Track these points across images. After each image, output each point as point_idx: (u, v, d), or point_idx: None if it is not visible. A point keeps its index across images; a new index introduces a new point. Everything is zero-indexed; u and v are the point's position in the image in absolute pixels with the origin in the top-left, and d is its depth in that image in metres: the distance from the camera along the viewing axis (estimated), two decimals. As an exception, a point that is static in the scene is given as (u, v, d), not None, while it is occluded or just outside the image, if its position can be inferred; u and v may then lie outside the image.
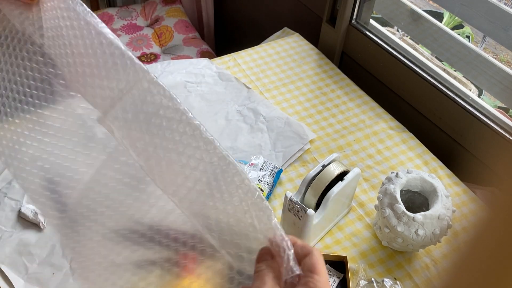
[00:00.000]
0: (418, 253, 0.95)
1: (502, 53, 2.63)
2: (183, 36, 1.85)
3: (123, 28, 1.87)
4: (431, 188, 0.91)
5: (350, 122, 1.21)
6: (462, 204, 1.04)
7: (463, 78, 1.61)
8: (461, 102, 1.15)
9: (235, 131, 1.15)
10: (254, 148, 1.11)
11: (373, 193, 1.05)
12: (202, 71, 1.29)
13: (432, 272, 0.93)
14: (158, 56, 1.78)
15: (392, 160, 1.12)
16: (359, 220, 1.00)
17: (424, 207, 0.94)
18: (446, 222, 0.87)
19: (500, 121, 1.10)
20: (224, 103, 1.22)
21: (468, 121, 1.14)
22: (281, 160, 1.09)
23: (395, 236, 0.88)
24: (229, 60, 1.35)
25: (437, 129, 1.23)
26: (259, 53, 1.38)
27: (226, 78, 1.28)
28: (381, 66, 1.34)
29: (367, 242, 0.97)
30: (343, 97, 1.27)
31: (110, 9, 1.94)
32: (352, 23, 1.37)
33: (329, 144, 1.14)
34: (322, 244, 0.95)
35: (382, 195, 0.91)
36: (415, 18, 1.28)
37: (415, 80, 1.24)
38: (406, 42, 1.68)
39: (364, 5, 1.35)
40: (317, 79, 1.32)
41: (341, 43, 1.42)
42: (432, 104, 1.23)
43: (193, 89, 1.24)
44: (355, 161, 1.11)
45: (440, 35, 1.22)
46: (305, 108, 1.23)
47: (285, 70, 1.34)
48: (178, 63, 1.32)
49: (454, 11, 1.17)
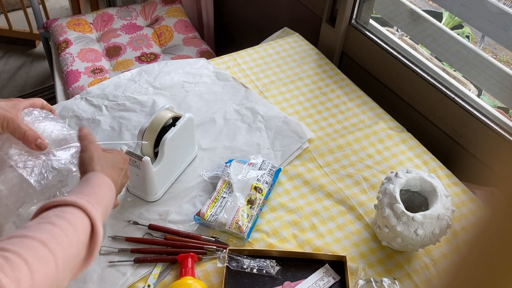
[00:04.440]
0: (418, 253, 0.95)
1: (501, 53, 2.63)
2: (183, 36, 1.85)
3: (123, 28, 1.87)
4: (431, 188, 0.91)
5: (349, 122, 1.21)
6: (461, 204, 1.04)
7: (462, 78, 1.61)
8: (460, 102, 1.15)
9: (234, 131, 1.15)
10: (252, 147, 1.11)
11: (372, 193, 1.05)
12: (199, 71, 1.29)
13: (432, 272, 0.93)
14: (158, 56, 1.78)
15: (391, 160, 1.12)
16: (358, 220, 1.00)
17: (423, 207, 0.94)
18: (446, 222, 0.87)
19: (499, 121, 1.10)
20: (222, 103, 1.22)
21: (468, 121, 1.14)
22: (279, 159, 1.09)
23: (395, 236, 0.88)
24: (229, 59, 1.35)
25: (437, 129, 1.23)
26: (259, 53, 1.38)
27: (223, 78, 1.28)
28: (381, 66, 1.34)
29: (366, 242, 0.97)
30: (342, 97, 1.27)
31: (110, 9, 1.94)
32: (351, 23, 1.37)
33: (328, 143, 1.14)
34: (322, 242, 0.95)
35: (382, 194, 0.91)
36: (415, 18, 1.28)
37: (415, 80, 1.24)
38: (406, 42, 1.68)
39: (364, 5, 1.35)
40: (317, 79, 1.32)
41: (341, 43, 1.42)
42: (431, 104, 1.23)
43: (191, 89, 1.24)
44: (354, 161, 1.11)
45: (440, 35, 1.22)
46: (304, 108, 1.23)
47: (285, 70, 1.34)
48: (176, 63, 1.32)
49: (454, 11, 1.17)
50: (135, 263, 0.89)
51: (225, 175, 1.01)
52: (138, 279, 0.88)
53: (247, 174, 1.01)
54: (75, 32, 1.83)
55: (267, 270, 0.88)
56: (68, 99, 1.27)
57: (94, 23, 1.89)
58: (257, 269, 0.89)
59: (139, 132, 0.95)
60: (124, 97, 1.19)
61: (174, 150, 0.97)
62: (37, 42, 2.58)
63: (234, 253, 0.90)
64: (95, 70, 1.70)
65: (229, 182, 1.00)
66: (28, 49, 2.58)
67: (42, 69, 2.48)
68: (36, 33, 2.37)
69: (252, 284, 0.88)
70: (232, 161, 1.04)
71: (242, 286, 0.88)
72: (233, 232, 0.93)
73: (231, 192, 0.98)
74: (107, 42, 1.82)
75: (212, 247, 0.91)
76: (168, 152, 0.94)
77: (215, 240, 0.93)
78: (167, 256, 0.91)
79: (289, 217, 0.99)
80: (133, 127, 1.13)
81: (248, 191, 0.99)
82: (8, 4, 2.77)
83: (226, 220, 0.93)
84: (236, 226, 0.93)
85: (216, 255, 0.91)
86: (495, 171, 1.12)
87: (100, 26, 1.88)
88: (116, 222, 0.95)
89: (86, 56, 1.75)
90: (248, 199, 0.98)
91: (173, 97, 1.21)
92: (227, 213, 0.94)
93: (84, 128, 0.78)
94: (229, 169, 1.02)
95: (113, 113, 1.16)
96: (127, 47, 1.80)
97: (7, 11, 2.54)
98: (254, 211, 0.96)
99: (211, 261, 0.91)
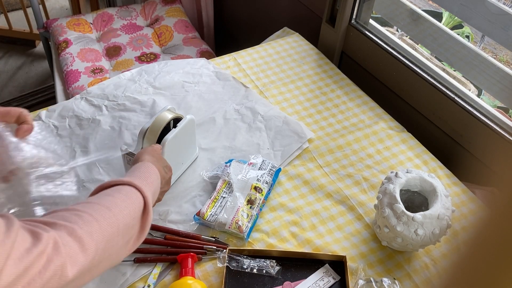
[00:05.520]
0: (418, 253, 0.95)
1: (501, 53, 2.63)
2: (183, 36, 1.85)
3: (123, 28, 1.87)
4: (431, 188, 0.91)
5: (349, 122, 1.21)
6: (461, 204, 1.04)
7: (462, 78, 1.61)
8: (460, 102, 1.15)
9: (233, 130, 1.15)
10: (252, 147, 1.11)
11: (372, 193, 1.05)
12: (199, 71, 1.29)
13: (432, 272, 0.93)
14: (158, 56, 1.78)
15: (391, 160, 1.12)
16: (358, 220, 1.00)
17: (423, 207, 0.94)
18: (446, 221, 0.87)
19: (499, 121, 1.10)
20: (222, 102, 1.22)
21: (468, 121, 1.14)
22: (279, 159, 1.09)
23: (395, 236, 0.88)
24: (229, 59, 1.35)
25: (437, 129, 1.23)
26: (259, 53, 1.38)
27: (223, 78, 1.28)
28: (381, 66, 1.34)
29: (366, 242, 0.97)
30: (342, 97, 1.27)
31: (110, 9, 1.94)
32: (351, 23, 1.37)
33: (328, 143, 1.14)
34: (322, 242, 0.95)
35: (382, 194, 0.91)
36: (415, 18, 1.28)
37: (415, 80, 1.24)
38: (406, 42, 1.68)
39: (364, 5, 1.35)
40: (317, 79, 1.32)
41: (341, 43, 1.42)
42: (431, 104, 1.23)
43: (191, 89, 1.24)
44: (354, 161, 1.11)
45: (440, 35, 1.22)
46: (304, 107, 1.23)
47: (285, 69, 1.34)
48: (176, 63, 1.32)
49: (454, 11, 1.17)
50: (135, 263, 0.89)
51: (225, 175, 1.01)
52: (138, 279, 0.88)
53: (247, 174, 1.01)
54: (75, 32, 1.83)
55: (267, 270, 0.88)
56: (68, 99, 1.27)
57: (94, 23, 1.89)
58: (257, 269, 0.89)
59: (139, 132, 0.95)
60: (124, 97, 1.19)
61: (174, 152, 0.97)
62: (37, 42, 2.58)
63: (234, 253, 0.90)
64: (95, 70, 1.70)
65: (229, 182, 1.00)
66: (28, 49, 2.58)
67: (42, 69, 2.48)
68: (36, 33, 2.37)
69: (252, 284, 0.88)
70: (232, 161, 1.04)
71: (242, 286, 0.88)
72: (233, 232, 0.93)
73: (231, 192, 0.98)
74: (107, 42, 1.82)
75: (212, 247, 0.91)
76: (168, 154, 0.94)
77: (215, 240, 0.93)
78: (167, 256, 0.91)
79: (289, 217, 0.99)
80: (133, 127, 1.13)
81: (248, 191, 0.99)
82: (8, 4, 2.77)
83: (226, 220, 0.93)
84: (236, 226, 0.93)
85: (216, 255, 0.91)
86: (495, 171, 1.12)
87: (100, 26, 1.88)
88: (116, 222, 0.95)
89: (86, 56, 1.75)
90: (248, 199, 0.98)
91: (173, 97, 1.21)
92: (227, 213, 0.94)
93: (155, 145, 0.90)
94: (229, 169, 1.02)
95: (113, 113, 1.16)
96: (127, 47, 1.80)
97: (7, 11, 2.54)
98: (254, 211, 0.96)
99: (211, 261, 0.91)
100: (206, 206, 0.95)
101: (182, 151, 1.02)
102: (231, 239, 0.94)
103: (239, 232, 0.92)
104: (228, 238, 0.94)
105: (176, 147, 0.97)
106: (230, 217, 0.93)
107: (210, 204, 0.96)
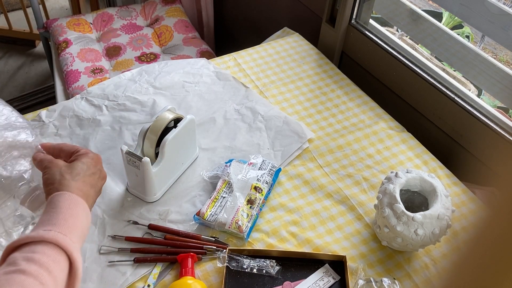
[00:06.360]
0: (418, 253, 0.95)
1: (501, 53, 2.63)
2: (183, 36, 1.85)
3: (123, 28, 1.87)
4: (431, 188, 0.91)
5: (349, 122, 1.21)
6: (461, 204, 1.04)
7: (462, 78, 1.61)
8: (460, 102, 1.15)
9: (234, 130, 1.15)
10: (252, 147, 1.11)
11: (372, 193, 1.05)
12: (199, 71, 1.29)
13: (432, 272, 0.93)
14: (158, 56, 1.78)
15: (391, 160, 1.12)
16: (358, 220, 1.00)
17: (423, 207, 0.94)
18: (446, 221, 0.87)
19: (499, 121, 1.10)
20: (222, 102, 1.22)
21: (468, 121, 1.14)
22: (279, 159, 1.09)
23: (395, 236, 0.88)
24: (230, 59, 1.35)
25: (437, 129, 1.23)
26: (259, 53, 1.38)
27: (224, 78, 1.28)
28: (381, 66, 1.34)
29: (366, 241, 0.97)
30: (343, 97, 1.27)
31: (110, 8, 1.94)
32: (351, 23, 1.37)
33: (328, 143, 1.14)
34: (322, 242, 0.95)
35: (382, 194, 0.91)
36: (415, 18, 1.28)
37: (415, 80, 1.24)
38: (406, 42, 1.68)
39: (364, 5, 1.35)
40: (317, 79, 1.32)
41: (341, 43, 1.42)
42: (431, 104, 1.23)
43: (191, 89, 1.24)
44: (354, 161, 1.11)
45: (440, 35, 1.22)
46: (305, 107, 1.23)
47: (285, 69, 1.34)
48: (176, 63, 1.32)
49: (454, 11, 1.17)
50: (135, 263, 0.89)
51: (225, 175, 1.01)
52: (138, 279, 0.88)
53: (247, 174, 1.01)
54: (75, 32, 1.83)
55: (267, 270, 0.88)
56: (68, 99, 1.27)
57: (94, 23, 1.89)
58: (257, 269, 0.89)
59: (140, 132, 0.95)
60: (125, 97, 1.19)
61: (174, 152, 0.97)
62: (37, 42, 2.58)
63: (234, 253, 0.90)
64: (95, 70, 1.70)
65: (229, 182, 1.00)
66: (28, 49, 2.58)
67: (42, 69, 2.48)
68: (36, 33, 2.37)
69: (252, 284, 0.88)
70: (232, 161, 1.04)
71: (242, 286, 0.88)
72: (233, 232, 0.93)
73: (231, 192, 0.98)
74: (107, 42, 1.82)
75: (212, 247, 0.91)
76: (168, 154, 0.95)
77: (215, 240, 0.93)
78: (167, 256, 0.91)
79: (289, 217, 0.99)
80: (133, 127, 1.13)
81: (248, 191, 0.99)
82: (8, 4, 2.77)
83: (226, 220, 0.93)
84: (236, 226, 0.93)
85: (216, 255, 0.91)
86: (495, 171, 1.12)
87: (100, 26, 1.88)
88: (116, 222, 0.95)
89: (86, 56, 1.75)
90: (248, 199, 0.98)
91: (173, 97, 1.21)
92: (227, 213, 0.94)
93: (37, 154, 0.72)
94: (229, 169, 1.02)
95: (113, 113, 1.16)
96: (127, 47, 1.80)
97: (7, 11, 2.54)
98: (254, 211, 0.96)
99: (211, 261, 0.91)
100: (206, 206, 0.95)
101: (182, 151, 1.02)
102: (231, 239, 0.94)
103: (239, 232, 0.92)
104: (228, 238, 0.94)
105: (176, 147, 0.97)
106: (230, 217, 0.93)
107: (210, 204, 0.96)
